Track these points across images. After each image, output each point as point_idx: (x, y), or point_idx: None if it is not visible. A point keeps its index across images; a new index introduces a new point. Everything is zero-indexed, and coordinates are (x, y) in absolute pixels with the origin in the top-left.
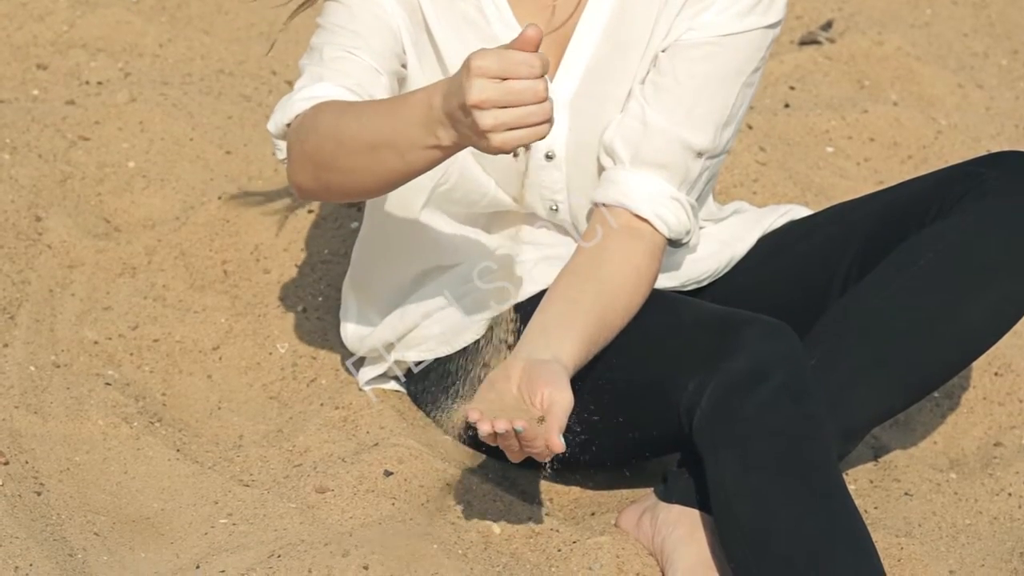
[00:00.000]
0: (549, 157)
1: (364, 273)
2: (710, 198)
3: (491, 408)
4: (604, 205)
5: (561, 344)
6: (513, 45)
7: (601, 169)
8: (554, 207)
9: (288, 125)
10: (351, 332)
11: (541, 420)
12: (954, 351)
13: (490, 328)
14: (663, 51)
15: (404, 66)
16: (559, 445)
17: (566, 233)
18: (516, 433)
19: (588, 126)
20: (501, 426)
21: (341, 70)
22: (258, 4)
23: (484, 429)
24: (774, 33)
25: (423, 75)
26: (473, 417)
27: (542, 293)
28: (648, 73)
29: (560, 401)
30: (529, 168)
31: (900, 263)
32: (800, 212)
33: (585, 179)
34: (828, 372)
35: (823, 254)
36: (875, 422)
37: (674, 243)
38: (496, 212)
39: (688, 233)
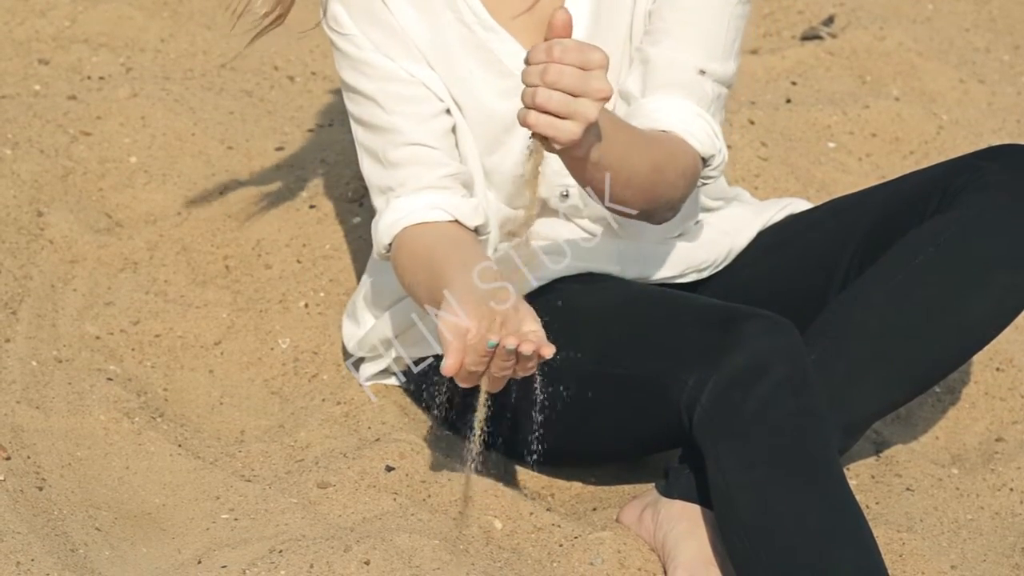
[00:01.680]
0: None
1: (376, 277)
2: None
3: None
4: None
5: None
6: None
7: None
8: (565, 192)
9: (388, 248)
10: (350, 332)
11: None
12: (955, 345)
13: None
14: (651, 10)
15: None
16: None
17: (569, 221)
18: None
19: None
20: (511, 342)
21: (411, 174)
22: None
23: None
24: None
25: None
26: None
27: (543, 288)
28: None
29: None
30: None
31: (901, 257)
32: (800, 206)
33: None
34: (829, 367)
35: (824, 248)
36: (876, 417)
37: (706, 164)
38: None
39: (720, 152)
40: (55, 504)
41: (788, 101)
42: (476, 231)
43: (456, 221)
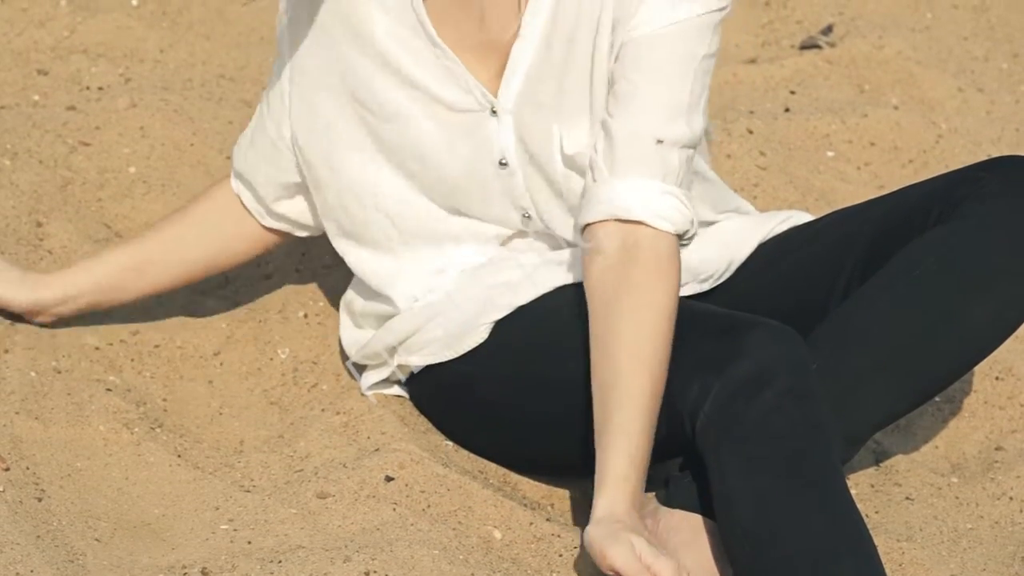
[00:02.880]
0: (503, 164)
1: (363, 285)
2: (720, 183)
3: None
4: (593, 223)
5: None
6: None
7: (571, 190)
8: (526, 214)
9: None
10: (351, 339)
11: None
12: (956, 355)
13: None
14: (615, 60)
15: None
16: None
17: (555, 241)
18: None
19: (536, 131)
20: None
21: (253, 166)
22: (259, 10)
23: None
24: (719, 17)
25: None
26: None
27: (544, 297)
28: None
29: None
30: (489, 179)
31: (901, 268)
32: (802, 218)
33: (542, 182)
34: (830, 377)
35: (825, 260)
36: (877, 427)
37: (681, 238)
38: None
39: (692, 223)
40: (54, 515)
41: (787, 110)
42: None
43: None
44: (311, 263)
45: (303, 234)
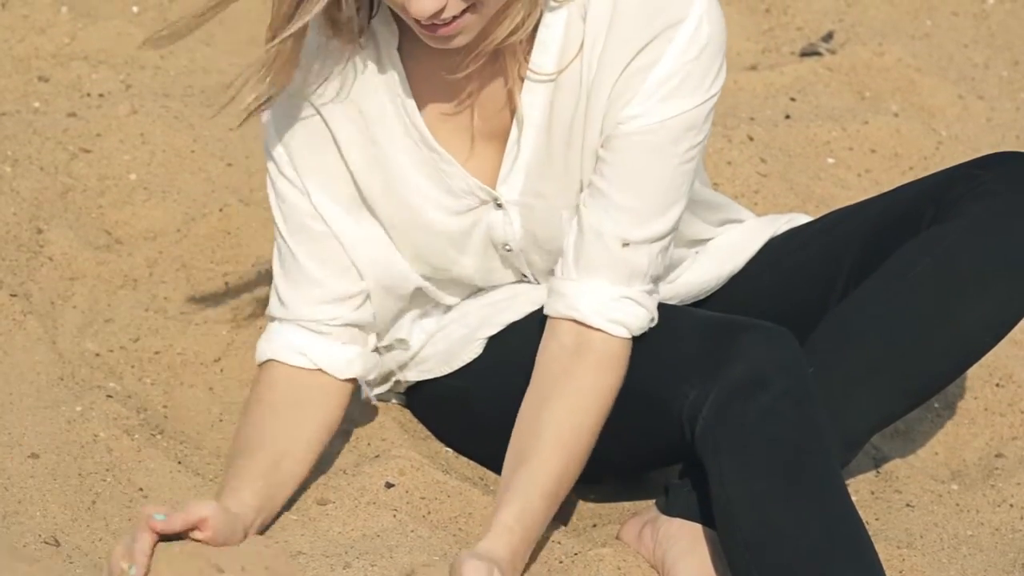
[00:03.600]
0: (508, 249)
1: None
2: (717, 199)
3: None
4: (554, 318)
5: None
6: None
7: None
8: (524, 276)
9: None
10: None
11: None
12: (953, 356)
13: None
14: (601, 148)
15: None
16: None
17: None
18: None
19: (540, 221)
20: None
21: (299, 303)
22: (259, 16)
23: None
24: (706, 109)
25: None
26: None
27: (537, 312)
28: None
29: None
30: (491, 259)
31: (897, 268)
32: (800, 219)
33: (547, 256)
34: (827, 378)
35: (821, 260)
36: (875, 429)
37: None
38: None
39: (651, 320)
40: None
41: (787, 117)
42: (353, 380)
43: (320, 370)
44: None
45: (374, 342)
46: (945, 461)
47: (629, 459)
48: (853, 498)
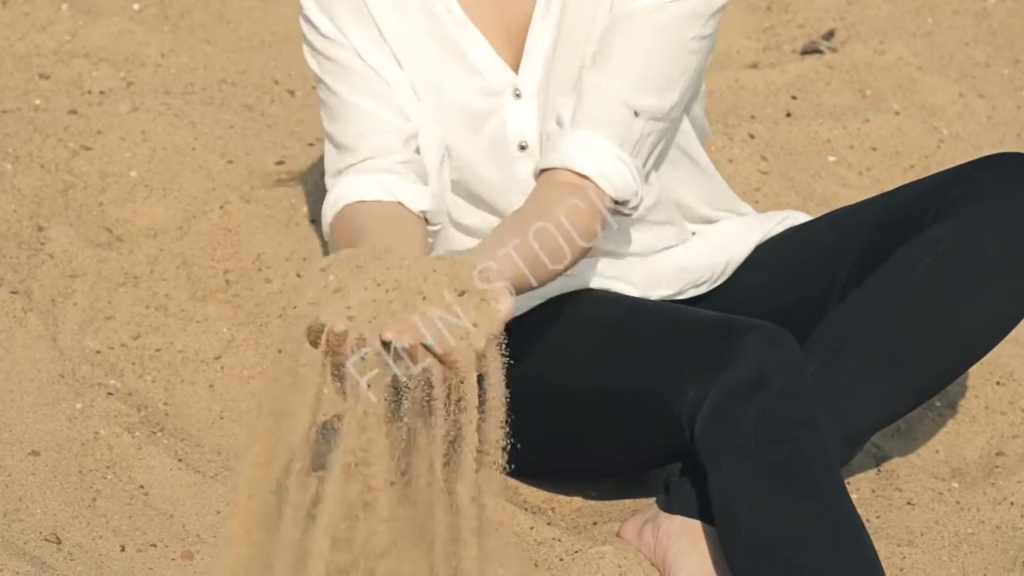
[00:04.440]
0: (523, 147)
1: None
2: (719, 179)
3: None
4: (547, 170)
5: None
6: None
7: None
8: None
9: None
10: None
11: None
12: (954, 355)
13: None
14: (607, 29)
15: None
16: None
17: None
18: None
19: (553, 114)
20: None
21: (362, 156)
22: (260, 14)
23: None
24: (717, 5)
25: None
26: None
27: (541, 305)
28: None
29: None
30: (511, 163)
31: (898, 267)
32: (799, 218)
33: None
34: (828, 377)
35: (822, 261)
36: (876, 428)
37: (620, 205)
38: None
39: (636, 195)
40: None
41: (788, 115)
42: (425, 218)
43: (399, 203)
44: (312, 267)
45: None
46: (946, 459)
47: (629, 458)
48: (854, 496)
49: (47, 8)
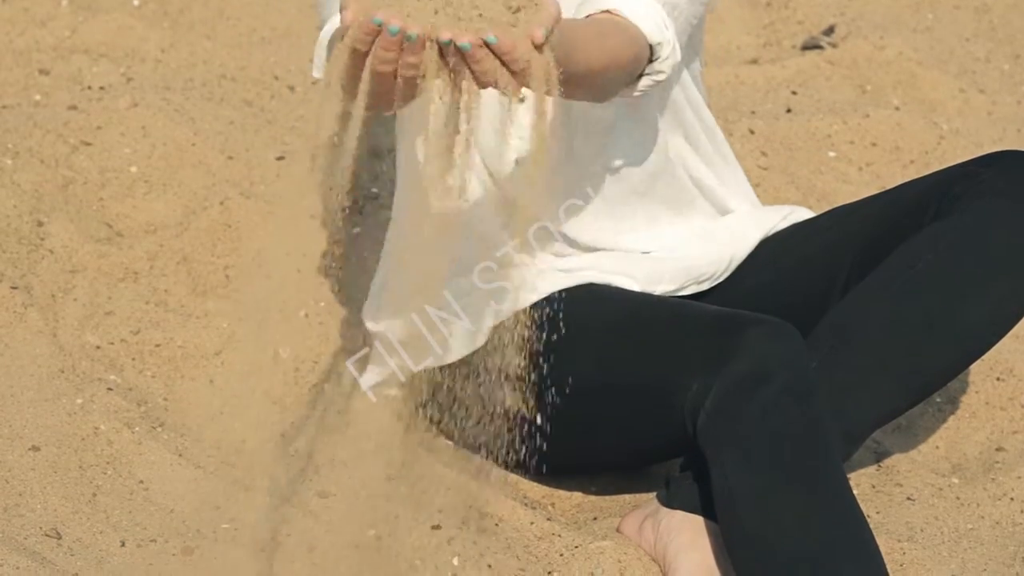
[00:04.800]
0: (522, 100)
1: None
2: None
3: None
4: (590, 15)
5: None
6: None
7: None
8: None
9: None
10: (370, 308)
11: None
12: (956, 351)
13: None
14: None
15: None
16: (539, 37)
17: (572, 244)
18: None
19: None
20: (466, 39)
21: None
22: (260, 10)
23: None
24: None
25: None
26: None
27: (544, 299)
28: None
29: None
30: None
31: (900, 264)
32: (802, 214)
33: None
34: (829, 373)
35: (824, 257)
36: (878, 424)
37: (653, 55)
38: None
39: (667, 43)
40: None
41: (788, 111)
42: None
43: None
44: (312, 263)
45: None
46: (946, 455)
47: (631, 452)
48: (854, 491)
49: (47, 4)
